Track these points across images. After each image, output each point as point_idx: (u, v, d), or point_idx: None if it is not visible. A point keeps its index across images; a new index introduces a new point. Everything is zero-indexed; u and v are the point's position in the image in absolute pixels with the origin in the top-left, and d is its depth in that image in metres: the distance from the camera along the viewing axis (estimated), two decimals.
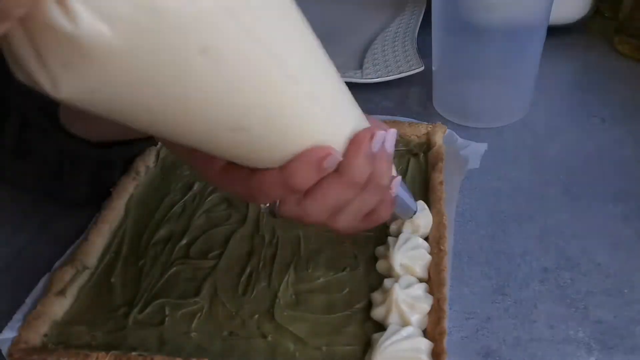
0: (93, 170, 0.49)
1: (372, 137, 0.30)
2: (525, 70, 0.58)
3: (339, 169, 0.30)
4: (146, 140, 0.49)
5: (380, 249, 0.45)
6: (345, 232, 0.35)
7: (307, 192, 0.31)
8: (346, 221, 0.33)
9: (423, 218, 0.45)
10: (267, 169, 0.29)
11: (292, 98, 0.26)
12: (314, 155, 0.28)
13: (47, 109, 0.44)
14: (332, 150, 0.28)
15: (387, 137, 0.32)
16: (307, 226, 0.37)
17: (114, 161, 0.50)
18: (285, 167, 0.28)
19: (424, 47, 0.70)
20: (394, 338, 0.37)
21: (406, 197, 0.40)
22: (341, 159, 0.30)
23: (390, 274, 0.42)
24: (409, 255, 0.42)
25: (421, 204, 0.46)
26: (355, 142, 0.30)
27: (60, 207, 0.53)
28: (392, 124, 0.56)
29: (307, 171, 0.28)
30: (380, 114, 0.61)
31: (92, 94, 0.22)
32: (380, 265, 0.43)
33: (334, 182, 0.30)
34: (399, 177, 0.36)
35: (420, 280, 0.41)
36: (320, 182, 0.30)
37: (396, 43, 0.71)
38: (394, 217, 0.43)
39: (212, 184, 0.33)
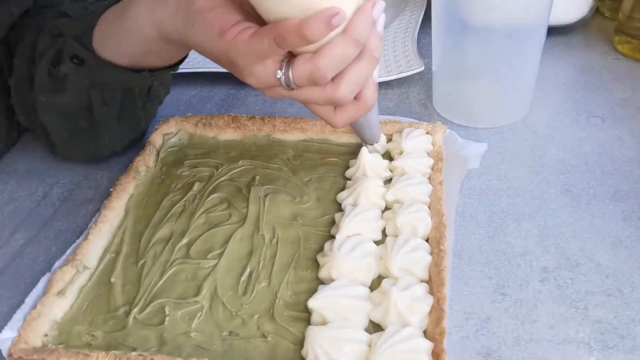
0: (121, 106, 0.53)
1: (374, 5, 0.37)
2: (525, 70, 0.58)
3: (345, 30, 0.37)
4: (171, 68, 0.51)
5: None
6: (342, 108, 0.42)
7: (318, 50, 0.37)
8: (346, 88, 0.39)
9: (421, 221, 0.45)
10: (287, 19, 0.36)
11: None
12: (326, 13, 0.35)
13: (81, 39, 0.49)
14: (341, 11, 0.35)
15: (381, 17, 0.39)
16: (309, 103, 0.42)
17: (153, 93, 0.55)
18: (303, 21, 0.35)
19: (424, 47, 0.70)
20: (393, 339, 0.37)
21: (375, 118, 0.48)
22: (347, 19, 0.36)
23: (388, 275, 0.42)
24: (407, 258, 0.42)
25: (420, 206, 0.46)
26: (361, 7, 0.38)
27: (60, 207, 0.53)
28: (392, 124, 0.56)
29: (319, 25, 0.35)
30: (380, 114, 0.61)
31: None
32: (379, 267, 0.43)
33: (340, 40, 0.37)
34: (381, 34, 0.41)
35: (421, 281, 0.41)
36: (330, 41, 0.37)
37: (396, 43, 0.71)
38: (360, 131, 0.48)
39: (222, 48, 0.38)
